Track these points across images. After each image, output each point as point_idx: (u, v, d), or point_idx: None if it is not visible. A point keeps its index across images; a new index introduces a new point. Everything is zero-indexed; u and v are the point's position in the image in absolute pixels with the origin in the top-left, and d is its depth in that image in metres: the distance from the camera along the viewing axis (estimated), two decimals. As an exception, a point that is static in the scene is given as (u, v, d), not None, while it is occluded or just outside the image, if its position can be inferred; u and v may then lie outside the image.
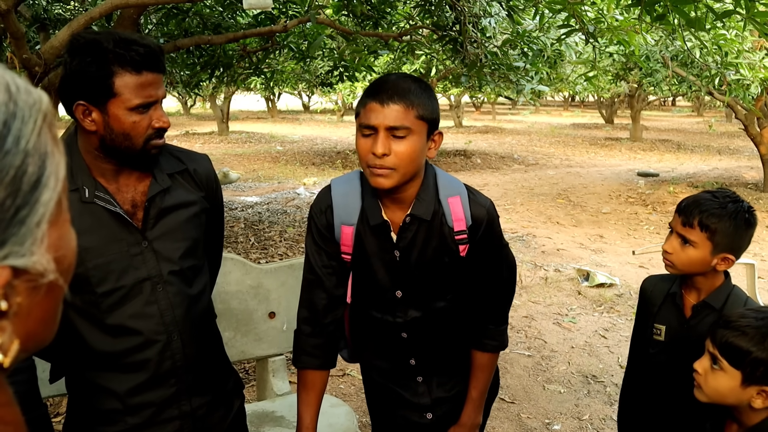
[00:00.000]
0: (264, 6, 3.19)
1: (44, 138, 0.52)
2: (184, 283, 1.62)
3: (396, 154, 1.52)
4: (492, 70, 5.40)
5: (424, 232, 1.66)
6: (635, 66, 10.83)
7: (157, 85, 1.47)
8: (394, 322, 1.76)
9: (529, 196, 10.47)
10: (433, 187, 1.67)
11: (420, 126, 1.53)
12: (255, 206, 9.25)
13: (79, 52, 1.42)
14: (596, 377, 4.15)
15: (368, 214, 1.66)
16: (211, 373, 1.74)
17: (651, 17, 3.03)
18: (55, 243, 0.54)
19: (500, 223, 1.77)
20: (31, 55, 3.18)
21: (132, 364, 1.58)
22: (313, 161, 14.92)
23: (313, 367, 1.76)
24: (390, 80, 1.55)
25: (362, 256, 1.70)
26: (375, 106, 1.52)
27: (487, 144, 18.92)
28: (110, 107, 1.43)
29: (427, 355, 1.81)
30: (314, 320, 1.76)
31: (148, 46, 1.44)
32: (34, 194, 0.51)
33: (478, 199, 1.70)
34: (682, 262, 1.80)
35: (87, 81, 1.41)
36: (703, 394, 1.57)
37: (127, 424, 1.60)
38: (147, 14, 5.22)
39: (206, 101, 24.72)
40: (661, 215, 8.97)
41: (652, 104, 30.01)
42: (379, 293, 1.74)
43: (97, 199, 1.50)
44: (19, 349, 0.53)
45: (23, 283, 0.52)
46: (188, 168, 1.67)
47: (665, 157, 15.96)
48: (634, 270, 6.45)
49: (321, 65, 9.22)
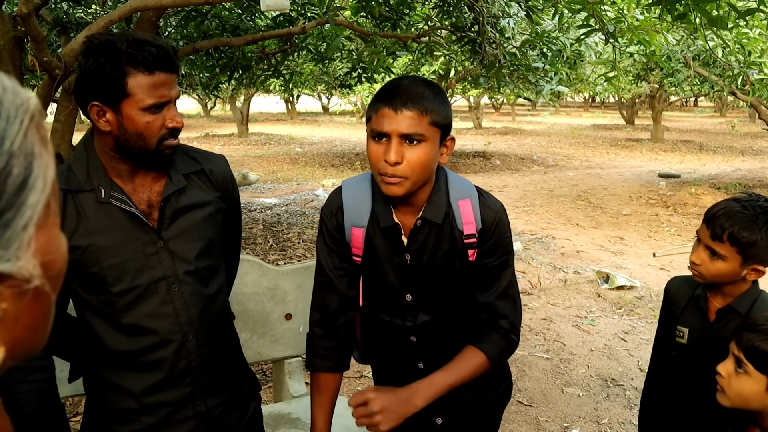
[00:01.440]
0: (281, 7, 3.19)
1: (31, 139, 0.51)
2: (199, 283, 1.62)
3: (409, 162, 1.48)
4: (511, 71, 5.37)
5: (435, 235, 1.63)
6: (656, 66, 10.73)
7: (170, 86, 1.48)
8: (404, 326, 1.73)
9: (549, 197, 10.41)
10: (445, 190, 1.64)
11: (434, 132, 1.50)
12: (274, 208, 9.28)
13: (93, 53, 1.43)
14: (616, 381, 4.10)
15: (379, 217, 1.64)
16: (227, 373, 1.74)
17: (672, 16, 3.00)
18: (43, 247, 0.53)
19: (510, 230, 1.72)
20: (52, 58, 3.21)
21: (147, 363, 1.59)
22: (332, 163, 14.95)
23: (326, 370, 1.75)
24: (403, 85, 1.50)
25: (372, 259, 1.68)
26: (388, 112, 1.47)
27: (507, 145, 18.84)
28: (124, 107, 1.44)
29: (436, 360, 1.76)
30: (326, 322, 1.74)
31: (161, 46, 1.44)
32: (20, 196, 0.50)
33: (489, 203, 1.67)
34: (710, 274, 1.76)
35: (101, 81, 1.43)
36: (726, 398, 1.53)
37: (143, 424, 1.61)
38: (166, 17, 5.26)
39: (226, 103, 24.89)
40: (683, 217, 8.87)
41: (674, 105, 29.71)
42: (389, 296, 1.72)
43: (113, 199, 1.51)
44: (6, 356, 0.52)
45: (8, 288, 0.50)
46: (204, 168, 1.68)
47: (687, 158, 15.80)
48: (654, 272, 6.38)
49: (340, 67, 9.23)
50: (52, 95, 3.61)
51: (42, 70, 3.43)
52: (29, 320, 0.53)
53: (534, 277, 6.17)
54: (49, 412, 1.57)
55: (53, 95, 3.64)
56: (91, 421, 1.68)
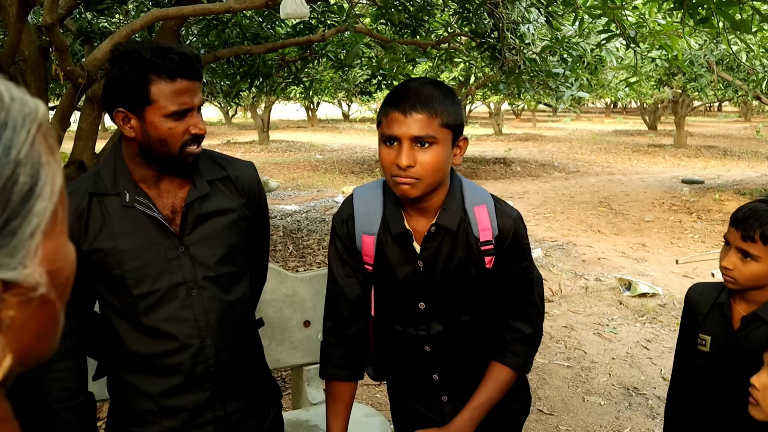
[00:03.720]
0: (301, 15, 3.21)
1: (38, 148, 0.52)
2: (220, 289, 1.63)
3: (421, 165, 1.47)
4: (531, 77, 5.35)
5: (450, 242, 1.61)
6: (679, 71, 10.63)
7: (192, 93, 1.49)
8: (417, 335, 1.70)
9: (570, 204, 10.33)
10: (460, 197, 1.61)
11: (445, 134, 1.48)
12: (294, 214, 9.32)
13: (118, 61, 1.46)
14: (638, 389, 4.05)
15: (390, 223, 1.62)
16: (248, 379, 1.74)
17: (694, 20, 2.97)
18: (50, 255, 0.53)
19: (528, 237, 1.71)
20: (75, 67, 3.25)
21: (166, 367, 1.60)
22: (352, 170, 14.98)
23: (340, 379, 1.74)
24: (411, 87, 1.49)
25: (384, 267, 1.66)
26: (397, 116, 1.46)
27: (527, 151, 18.76)
28: (147, 114, 1.47)
29: (451, 370, 1.75)
30: (339, 331, 1.73)
31: (184, 54, 1.47)
32: (27, 205, 0.50)
33: (505, 210, 1.65)
34: (745, 278, 1.72)
35: (125, 88, 1.46)
36: (760, 412, 1.47)
37: (162, 427, 1.62)
38: (188, 25, 5.31)
39: (247, 111, 25.06)
40: (707, 223, 8.76)
41: (697, 110, 29.42)
42: (401, 305, 1.70)
43: (137, 204, 1.54)
44: (13, 363, 0.52)
45: (15, 296, 0.50)
46: (230, 175, 1.70)
47: (711, 164, 15.61)
48: (677, 279, 6.30)
49: (359, 74, 9.26)
50: (75, 104, 3.66)
51: (65, 79, 3.48)
52: (36, 328, 0.54)
53: (555, 284, 6.13)
54: (73, 401, 1.59)
55: (76, 104, 3.69)
56: (113, 422, 1.70)
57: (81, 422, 1.59)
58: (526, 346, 1.72)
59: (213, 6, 3.26)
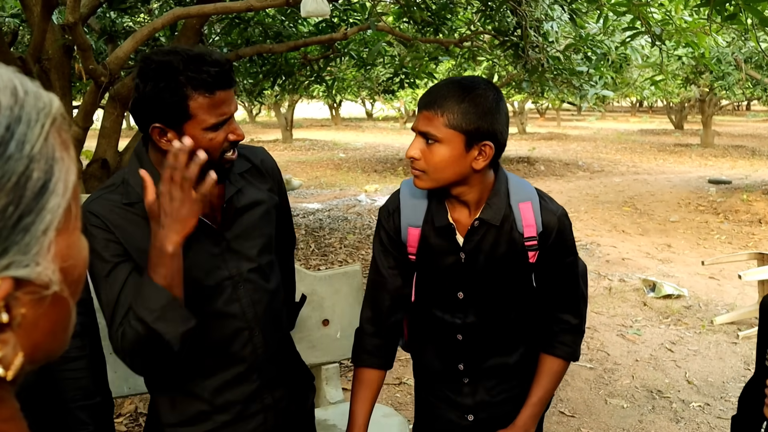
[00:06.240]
0: (322, 13, 3.21)
1: (52, 143, 0.51)
2: (262, 279, 1.65)
3: (425, 160, 1.56)
4: (554, 76, 5.30)
5: (493, 236, 1.65)
6: (706, 69, 10.47)
7: (229, 102, 1.47)
8: (453, 323, 1.75)
9: (594, 203, 10.23)
10: (505, 193, 1.66)
11: (451, 135, 1.52)
12: (316, 213, 9.34)
13: (151, 77, 1.40)
14: (662, 392, 3.99)
15: (434, 215, 1.68)
16: (288, 365, 1.77)
17: (722, 17, 2.92)
18: (64, 252, 0.52)
19: (573, 233, 1.74)
20: (97, 66, 3.28)
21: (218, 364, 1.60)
22: (375, 168, 14.98)
23: (373, 366, 1.78)
24: (436, 87, 1.57)
25: (427, 257, 1.71)
26: (418, 110, 1.58)
27: (551, 151, 18.63)
28: (186, 129, 1.43)
29: (477, 363, 1.79)
30: (377, 321, 1.78)
31: (218, 63, 1.42)
32: (40, 201, 0.49)
33: (550, 206, 1.69)
34: None
35: (162, 106, 1.41)
36: None
37: (216, 423, 1.62)
38: (210, 24, 5.34)
39: (271, 109, 25.18)
40: (734, 224, 8.62)
41: (725, 109, 28.98)
42: (441, 293, 1.74)
43: None
44: (25, 361, 0.51)
45: (27, 294, 0.50)
46: (254, 163, 1.70)
47: (738, 164, 15.36)
48: (703, 281, 6.20)
49: (382, 72, 9.25)
50: (98, 102, 3.69)
51: (88, 78, 3.51)
52: (48, 326, 0.53)
53: (578, 284, 6.06)
54: (89, 401, 1.59)
55: (99, 102, 3.72)
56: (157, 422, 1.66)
57: (96, 422, 1.59)
58: (574, 335, 1.78)
59: (234, 4, 3.27)
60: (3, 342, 0.49)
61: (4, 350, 0.49)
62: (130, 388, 2.42)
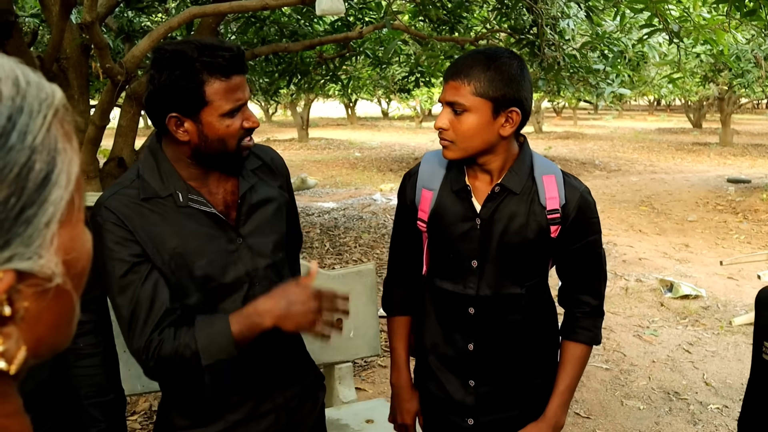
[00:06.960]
0: (337, 11, 3.20)
1: (55, 134, 0.50)
2: (276, 276, 1.64)
3: (454, 129, 1.58)
4: (570, 74, 5.26)
5: (513, 205, 1.66)
6: (725, 67, 10.36)
7: (243, 87, 1.48)
8: (465, 295, 1.72)
9: (611, 203, 10.16)
10: (529, 164, 1.69)
11: (479, 103, 1.55)
12: (331, 212, 9.34)
13: (166, 66, 1.41)
14: (679, 394, 3.95)
15: (452, 180, 1.71)
16: (297, 364, 1.76)
17: (741, 13, 2.88)
18: (67, 244, 0.52)
19: (597, 212, 1.75)
20: (114, 65, 3.30)
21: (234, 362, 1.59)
22: (391, 167, 14.98)
23: (402, 314, 1.92)
24: (461, 58, 1.60)
25: (440, 223, 1.72)
26: (444, 82, 1.60)
27: (568, 150, 18.52)
28: (203, 116, 1.44)
29: (488, 344, 1.74)
30: (401, 275, 1.91)
31: (231, 49, 1.44)
32: (43, 192, 0.49)
33: (573, 182, 1.72)
34: None
35: (178, 94, 1.41)
36: None
37: (228, 422, 1.61)
38: (226, 23, 5.36)
39: (287, 108, 25.25)
40: (753, 224, 8.53)
41: (744, 107, 28.67)
42: (454, 261, 1.73)
43: (192, 202, 1.52)
44: (28, 354, 0.51)
45: (29, 287, 0.49)
46: (265, 160, 1.70)
47: (758, 163, 15.18)
48: (722, 281, 6.13)
49: (398, 71, 9.23)
50: (114, 100, 3.71)
51: (105, 77, 3.53)
52: (51, 319, 0.53)
53: (594, 284, 6.02)
54: (102, 398, 1.59)
55: (116, 100, 3.74)
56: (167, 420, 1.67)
57: (109, 419, 1.60)
58: (594, 318, 1.80)
59: (250, 3, 3.27)
60: (6, 335, 0.49)
61: (6, 344, 0.49)
62: (144, 386, 2.44)
